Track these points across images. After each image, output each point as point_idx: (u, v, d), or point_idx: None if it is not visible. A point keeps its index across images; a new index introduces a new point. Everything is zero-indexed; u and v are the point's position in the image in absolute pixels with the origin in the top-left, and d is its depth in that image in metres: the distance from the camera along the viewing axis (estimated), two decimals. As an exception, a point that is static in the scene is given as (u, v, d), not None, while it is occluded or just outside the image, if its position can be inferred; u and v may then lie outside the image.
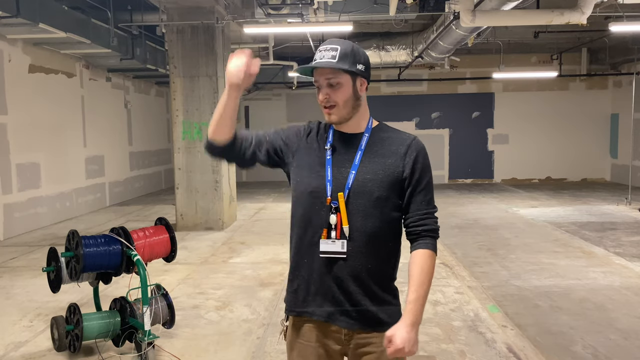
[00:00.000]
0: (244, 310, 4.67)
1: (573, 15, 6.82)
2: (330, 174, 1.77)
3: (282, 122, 15.81)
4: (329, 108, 1.76)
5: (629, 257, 6.32)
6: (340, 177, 1.76)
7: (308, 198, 1.78)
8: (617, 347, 3.79)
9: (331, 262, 1.75)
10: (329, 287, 1.76)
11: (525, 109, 15.03)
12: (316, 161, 1.80)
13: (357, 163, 1.77)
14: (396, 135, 1.83)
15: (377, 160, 1.77)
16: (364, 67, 1.77)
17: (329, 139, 1.82)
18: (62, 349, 3.65)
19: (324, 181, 1.76)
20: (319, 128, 1.88)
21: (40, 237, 8.02)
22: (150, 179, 13.96)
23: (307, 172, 1.80)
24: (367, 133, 1.81)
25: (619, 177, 14.24)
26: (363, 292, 1.75)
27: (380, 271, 1.78)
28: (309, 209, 1.78)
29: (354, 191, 1.74)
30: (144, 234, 3.63)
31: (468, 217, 9.33)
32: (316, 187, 1.77)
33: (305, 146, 1.84)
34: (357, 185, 1.74)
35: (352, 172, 1.75)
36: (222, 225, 8.37)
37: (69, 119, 9.88)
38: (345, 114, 1.77)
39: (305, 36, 10.29)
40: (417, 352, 1.73)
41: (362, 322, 1.76)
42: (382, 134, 1.82)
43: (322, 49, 1.75)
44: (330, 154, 1.79)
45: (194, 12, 8.10)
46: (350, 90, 1.75)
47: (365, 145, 1.79)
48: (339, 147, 1.80)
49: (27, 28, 7.32)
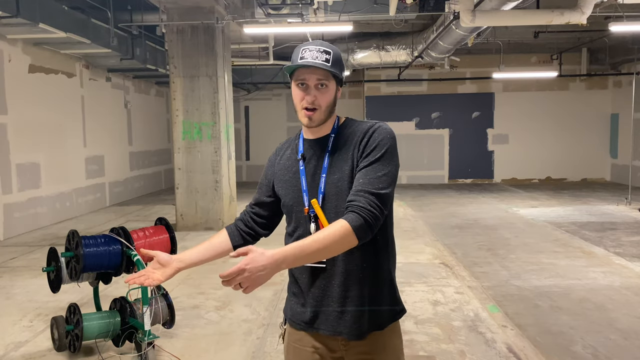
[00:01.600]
0: (244, 310, 4.67)
1: (573, 15, 6.82)
2: (305, 184, 1.75)
3: (282, 122, 15.83)
4: (312, 111, 1.71)
5: (629, 257, 6.32)
6: (314, 184, 1.74)
7: (292, 213, 1.78)
8: (617, 347, 3.79)
9: (315, 272, 1.73)
10: (317, 298, 1.73)
11: (525, 109, 15.03)
12: (291, 176, 1.79)
13: (326, 166, 1.73)
14: (359, 126, 1.76)
15: (341, 157, 1.72)
16: (344, 76, 1.81)
17: (300, 149, 1.80)
18: (62, 349, 3.65)
19: (300, 193, 1.75)
20: (290, 141, 1.87)
21: (40, 237, 8.02)
22: (150, 179, 13.97)
23: (286, 190, 1.79)
24: (333, 134, 1.77)
25: (619, 177, 14.24)
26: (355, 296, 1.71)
27: (374, 271, 1.72)
28: (295, 222, 1.78)
29: (328, 194, 1.71)
30: (144, 234, 3.64)
31: (468, 217, 9.33)
32: (296, 200, 1.76)
33: (281, 168, 1.84)
34: (329, 188, 1.71)
35: (323, 175, 1.73)
36: (222, 225, 8.36)
37: (69, 119, 9.88)
38: (324, 117, 1.73)
39: (305, 36, 10.28)
40: (417, 353, 1.73)
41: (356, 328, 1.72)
42: (346, 130, 1.77)
43: (311, 48, 1.68)
44: (303, 164, 1.77)
45: (194, 12, 8.10)
46: (333, 96, 1.74)
47: (331, 147, 1.75)
48: (309, 154, 1.78)
49: (27, 28, 7.32)
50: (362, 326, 1.72)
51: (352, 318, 1.71)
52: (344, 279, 1.70)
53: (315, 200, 1.71)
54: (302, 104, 1.71)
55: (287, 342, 1.85)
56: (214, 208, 8.37)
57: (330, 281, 1.72)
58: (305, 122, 1.74)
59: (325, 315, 1.73)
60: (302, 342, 1.79)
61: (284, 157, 1.85)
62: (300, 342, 1.80)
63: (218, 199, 8.37)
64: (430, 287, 5.23)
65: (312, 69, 1.68)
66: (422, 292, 5.09)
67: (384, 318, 1.75)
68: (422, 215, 9.58)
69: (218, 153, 8.32)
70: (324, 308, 1.73)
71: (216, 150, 8.31)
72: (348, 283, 1.71)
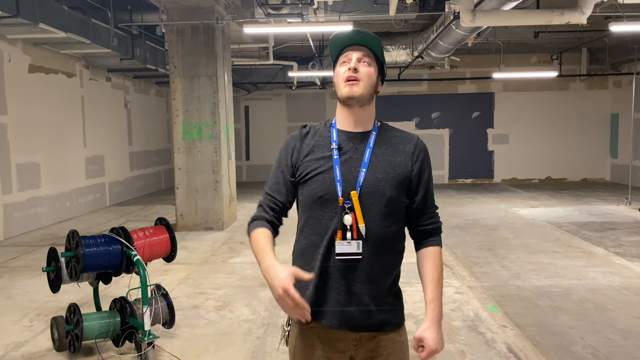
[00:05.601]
0: (244, 310, 4.66)
1: (573, 15, 6.81)
2: (339, 174, 1.70)
3: (282, 122, 15.81)
4: (354, 81, 1.70)
5: (629, 257, 6.32)
6: (350, 177, 1.70)
7: (318, 202, 1.72)
8: (617, 347, 3.79)
9: (345, 265, 1.69)
10: (341, 291, 1.70)
11: (525, 109, 15.03)
12: (322, 164, 1.73)
13: (367, 161, 1.72)
14: (401, 134, 1.82)
15: (386, 159, 1.73)
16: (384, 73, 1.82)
17: (334, 139, 1.75)
18: (62, 349, 3.65)
19: (333, 182, 1.70)
20: (317, 130, 1.81)
21: (40, 237, 8.02)
22: (150, 179, 13.96)
23: (315, 178, 1.73)
24: (375, 131, 1.78)
25: (619, 177, 14.24)
26: (374, 294, 1.72)
27: (391, 272, 1.77)
28: (319, 212, 1.72)
29: (365, 190, 1.69)
30: (143, 234, 3.63)
31: (468, 217, 9.33)
32: (326, 189, 1.71)
33: (307, 155, 1.77)
34: (368, 184, 1.70)
35: (363, 170, 1.71)
36: (222, 225, 8.37)
37: (69, 119, 9.88)
38: (367, 95, 1.72)
39: (305, 36, 10.29)
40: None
41: (372, 324, 1.73)
42: (387, 133, 1.80)
43: (362, 31, 1.74)
44: (337, 154, 1.73)
45: (194, 12, 8.10)
46: (375, 78, 1.75)
47: (373, 144, 1.75)
48: (345, 146, 1.75)
49: (27, 28, 7.32)
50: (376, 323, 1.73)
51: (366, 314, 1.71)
52: (370, 276, 1.71)
53: (355, 192, 1.69)
54: (345, 75, 1.71)
55: (294, 344, 1.80)
56: (214, 208, 8.37)
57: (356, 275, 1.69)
58: (345, 93, 1.71)
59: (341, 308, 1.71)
60: (310, 343, 1.75)
61: (311, 144, 1.78)
62: (308, 342, 1.75)
63: (218, 199, 8.37)
64: (430, 287, 5.22)
65: (356, 46, 1.73)
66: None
67: (396, 319, 1.78)
68: (422, 215, 9.57)
69: (218, 153, 8.32)
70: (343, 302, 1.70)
71: (216, 150, 8.31)
72: (373, 279, 1.72)
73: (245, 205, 10.88)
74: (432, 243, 1.80)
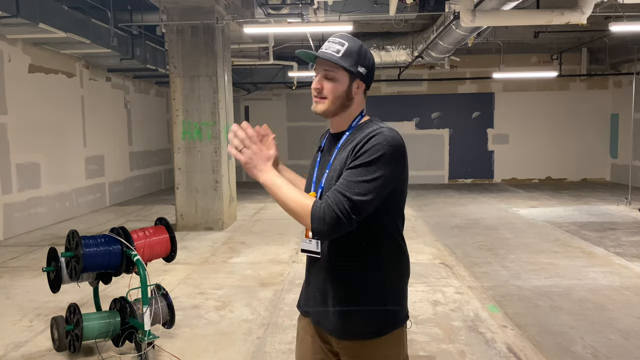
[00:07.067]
0: (244, 310, 4.66)
1: (573, 15, 6.82)
2: (315, 175, 1.82)
3: (282, 122, 15.81)
4: (319, 98, 1.75)
5: (629, 257, 6.32)
6: (320, 177, 1.79)
7: None
8: (617, 347, 3.79)
9: (312, 262, 1.80)
10: (313, 288, 1.82)
11: (525, 109, 15.03)
12: (312, 164, 1.88)
13: (331, 162, 1.75)
14: (368, 129, 1.69)
15: (340, 156, 1.72)
16: (365, 71, 1.73)
17: (323, 142, 1.88)
18: (62, 349, 3.65)
19: (310, 182, 1.83)
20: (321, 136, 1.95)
21: (40, 237, 8.02)
22: (150, 179, 13.96)
23: (307, 176, 1.88)
24: (348, 131, 1.77)
25: (619, 177, 14.24)
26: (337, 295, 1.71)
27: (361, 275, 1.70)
28: None
29: (326, 190, 1.70)
30: (143, 234, 3.63)
31: (468, 217, 9.33)
32: (307, 189, 1.84)
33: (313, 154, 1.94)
34: (327, 185, 1.72)
35: (326, 171, 1.76)
36: (222, 225, 8.37)
37: (69, 119, 9.88)
38: (332, 109, 1.75)
39: (305, 36, 10.29)
40: (417, 353, 1.73)
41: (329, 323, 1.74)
42: (359, 131, 1.72)
43: (331, 40, 1.74)
44: (320, 156, 1.85)
45: (194, 12, 8.10)
46: (344, 89, 1.72)
47: (341, 144, 1.75)
48: (327, 148, 1.84)
49: (27, 28, 7.32)
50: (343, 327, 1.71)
51: (334, 315, 1.72)
52: (332, 276, 1.73)
53: (313, 193, 1.76)
54: (312, 90, 1.78)
55: (297, 327, 1.94)
56: (214, 208, 8.37)
57: (320, 273, 1.77)
58: (313, 109, 1.78)
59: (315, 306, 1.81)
60: (305, 330, 1.88)
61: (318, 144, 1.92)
62: (305, 329, 1.88)
63: (218, 199, 8.37)
64: (430, 287, 5.23)
65: (319, 59, 1.73)
66: (422, 292, 5.09)
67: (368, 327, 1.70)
68: (422, 215, 9.58)
69: (218, 153, 8.32)
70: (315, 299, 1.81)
71: (216, 150, 8.32)
72: (335, 280, 1.73)
73: (245, 205, 10.88)
74: (318, 200, 1.63)
